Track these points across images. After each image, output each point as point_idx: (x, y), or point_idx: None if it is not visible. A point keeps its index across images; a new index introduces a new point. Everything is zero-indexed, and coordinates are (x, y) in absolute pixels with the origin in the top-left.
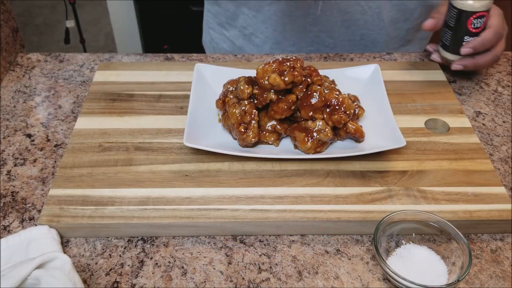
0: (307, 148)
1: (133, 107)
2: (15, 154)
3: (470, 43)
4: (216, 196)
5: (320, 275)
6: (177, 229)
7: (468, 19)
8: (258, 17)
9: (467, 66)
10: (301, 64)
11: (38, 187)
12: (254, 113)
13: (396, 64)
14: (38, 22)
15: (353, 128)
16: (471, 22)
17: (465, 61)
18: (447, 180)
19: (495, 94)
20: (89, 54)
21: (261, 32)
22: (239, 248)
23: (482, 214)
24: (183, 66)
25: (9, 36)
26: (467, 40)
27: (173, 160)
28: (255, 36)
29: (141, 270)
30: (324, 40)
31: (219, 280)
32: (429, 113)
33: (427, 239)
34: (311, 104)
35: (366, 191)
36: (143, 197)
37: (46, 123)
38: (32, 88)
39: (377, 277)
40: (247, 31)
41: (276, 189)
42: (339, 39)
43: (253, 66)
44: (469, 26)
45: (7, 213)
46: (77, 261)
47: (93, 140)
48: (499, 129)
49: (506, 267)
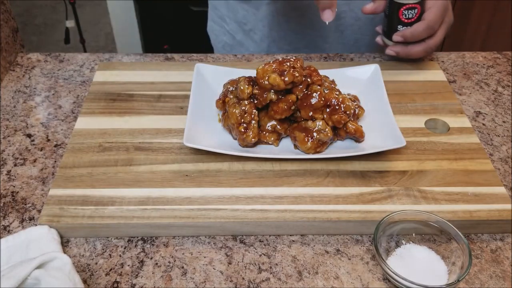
0: (307, 148)
1: (133, 107)
2: (15, 154)
3: (401, 32)
4: (216, 196)
5: (320, 275)
6: (177, 229)
7: (399, 10)
8: (258, 15)
9: (399, 53)
10: (301, 64)
11: (38, 187)
12: (254, 113)
13: (396, 64)
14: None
15: (353, 128)
16: (402, 13)
17: (397, 48)
18: (447, 180)
19: (495, 94)
20: (89, 54)
21: (259, 30)
22: (239, 248)
23: (482, 214)
24: (183, 66)
25: (9, 36)
26: (400, 29)
27: (173, 160)
28: (253, 32)
29: (141, 270)
30: (320, 45)
31: (219, 280)
32: (429, 113)
33: (427, 239)
34: (311, 104)
35: (366, 191)
36: (143, 197)
37: (46, 123)
38: (32, 88)
39: (377, 277)
40: (246, 27)
41: (276, 189)
42: (334, 43)
43: (253, 66)
44: (401, 17)
45: (7, 213)
46: (77, 261)
47: (93, 140)
48: (499, 129)
49: (506, 267)
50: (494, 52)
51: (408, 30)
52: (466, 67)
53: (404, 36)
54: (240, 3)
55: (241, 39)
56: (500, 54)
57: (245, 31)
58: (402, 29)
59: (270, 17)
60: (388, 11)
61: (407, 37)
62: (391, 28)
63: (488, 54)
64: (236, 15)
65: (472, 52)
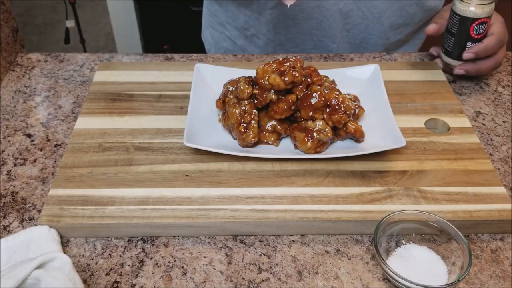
0: (307, 148)
1: (133, 107)
2: (15, 154)
3: (473, 49)
4: (216, 196)
5: (320, 275)
6: (177, 229)
7: (471, 26)
8: (261, 19)
9: (469, 71)
10: (301, 64)
11: (38, 187)
12: (254, 113)
13: (396, 64)
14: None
15: (353, 128)
16: (473, 28)
17: (467, 66)
18: (447, 180)
19: (495, 94)
20: (89, 54)
21: (263, 34)
22: (239, 248)
23: (482, 214)
24: (183, 66)
25: (9, 36)
26: (469, 46)
27: (173, 160)
28: (257, 37)
29: (141, 270)
30: (328, 45)
31: (219, 280)
32: (429, 113)
33: (427, 239)
34: (311, 104)
35: (366, 191)
36: (143, 197)
37: (46, 123)
38: (32, 88)
39: (377, 277)
40: (248, 32)
41: (276, 189)
42: (341, 43)
43: (253, 66)
44: (471, 32)
45: (7, 213)
46: (77, 261)
47: (93, 140)
48: (499, 129)
49: (506, 267)
50: None
51: (480, 46)
52: None
53: (477, 53)
54: (241, 9)
55: (242, 45)
56: None
57: (247, 36)
58: (471, 45)
59: (276, 21)
60: (457, 28)
61: (480, 54)
62: (458, 46)
63: None
64: (236, 21)
65: None
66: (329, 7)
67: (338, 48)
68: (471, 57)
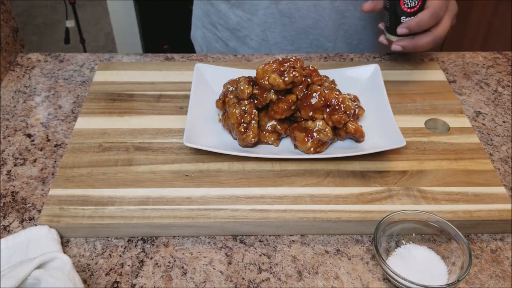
0: (307, 148)
1: (133, 107)
2: (15, 154)
3: (405, 23)
4: (216, 196)
5: (320, 275)
6: (177, 229)
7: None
8: (253, 20)
9: (406, 46)
10: (301, 64)
11: (38, 187)
12: (254, 113)
13: (396, 64)
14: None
15: (353, 128)
16: (403, 2)
17: (404, 42)
18: (447, 180)
19: (495, 94)
20: (89, 54)
21: (256, 35)
22: (239, 248)
23: (482, 214)
24: (183, 66)
25: (9, 36)
26: (403, 20)
27: (173, 160)
28: (249, 38)
29: (141, 270)
30: (324, 44)
31: (219, 280)
32: (429, 113)
33: (427, 239)
34: (311, 104)
35: (366, 191)
36: (143, 197)
37: (46, 123)
38: (32, 88)
39: (377, 277)
40: (240, 33)
41: (276, 189)
42: (337, 42)
43: (253, 66)
44: (403, 6)
45: (7, 213)
46: (77, 261)
47: (93, 140)
48: (499, 129)
49: (506, 267)
50: (494, 52)
51: (413, 20)
52: (466, 67)
53: (409, 27)
54: (233, 10)
55: (234, 46)
56: (500, 54)
57: (239, 37)
58: (406, 20)
59: (271, 20)
60: (389, 3)
61: (412, 28)
62: (393, 21)
63: (488, 54)
64: (228, 22)
65: (472, 52)
66: (325, 6)
67: (334, 48)
68: (405, 32)
